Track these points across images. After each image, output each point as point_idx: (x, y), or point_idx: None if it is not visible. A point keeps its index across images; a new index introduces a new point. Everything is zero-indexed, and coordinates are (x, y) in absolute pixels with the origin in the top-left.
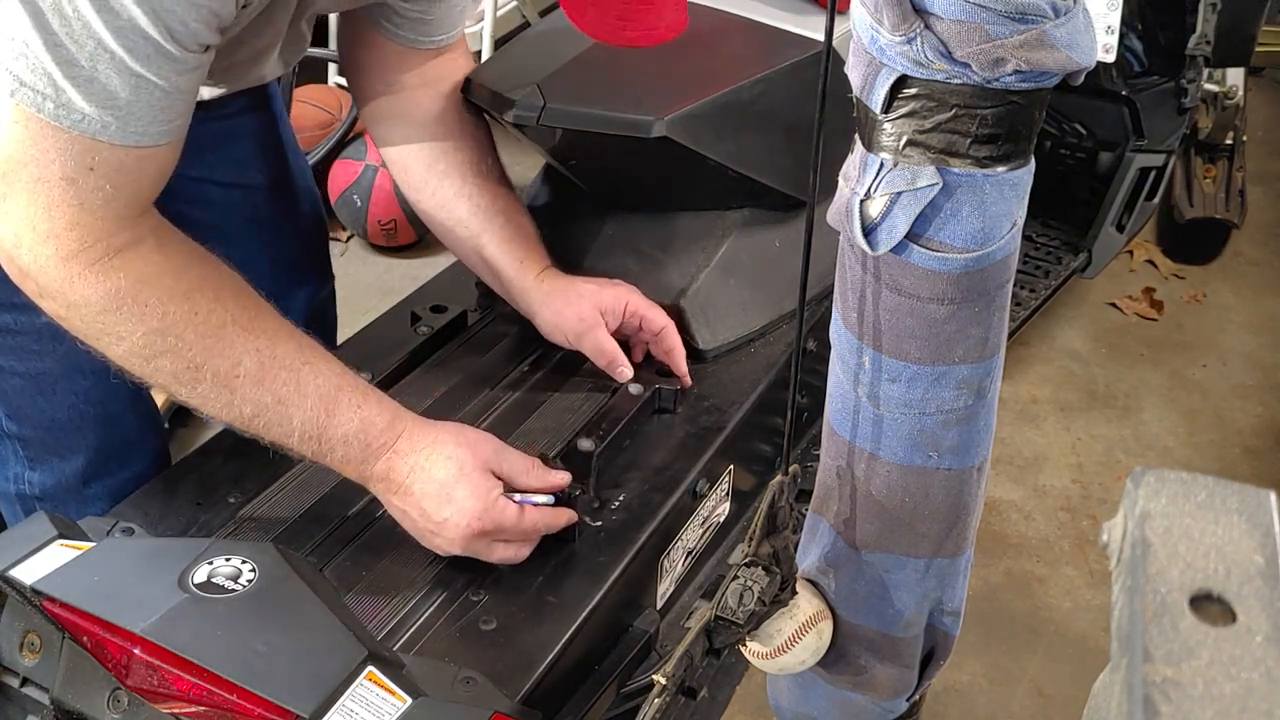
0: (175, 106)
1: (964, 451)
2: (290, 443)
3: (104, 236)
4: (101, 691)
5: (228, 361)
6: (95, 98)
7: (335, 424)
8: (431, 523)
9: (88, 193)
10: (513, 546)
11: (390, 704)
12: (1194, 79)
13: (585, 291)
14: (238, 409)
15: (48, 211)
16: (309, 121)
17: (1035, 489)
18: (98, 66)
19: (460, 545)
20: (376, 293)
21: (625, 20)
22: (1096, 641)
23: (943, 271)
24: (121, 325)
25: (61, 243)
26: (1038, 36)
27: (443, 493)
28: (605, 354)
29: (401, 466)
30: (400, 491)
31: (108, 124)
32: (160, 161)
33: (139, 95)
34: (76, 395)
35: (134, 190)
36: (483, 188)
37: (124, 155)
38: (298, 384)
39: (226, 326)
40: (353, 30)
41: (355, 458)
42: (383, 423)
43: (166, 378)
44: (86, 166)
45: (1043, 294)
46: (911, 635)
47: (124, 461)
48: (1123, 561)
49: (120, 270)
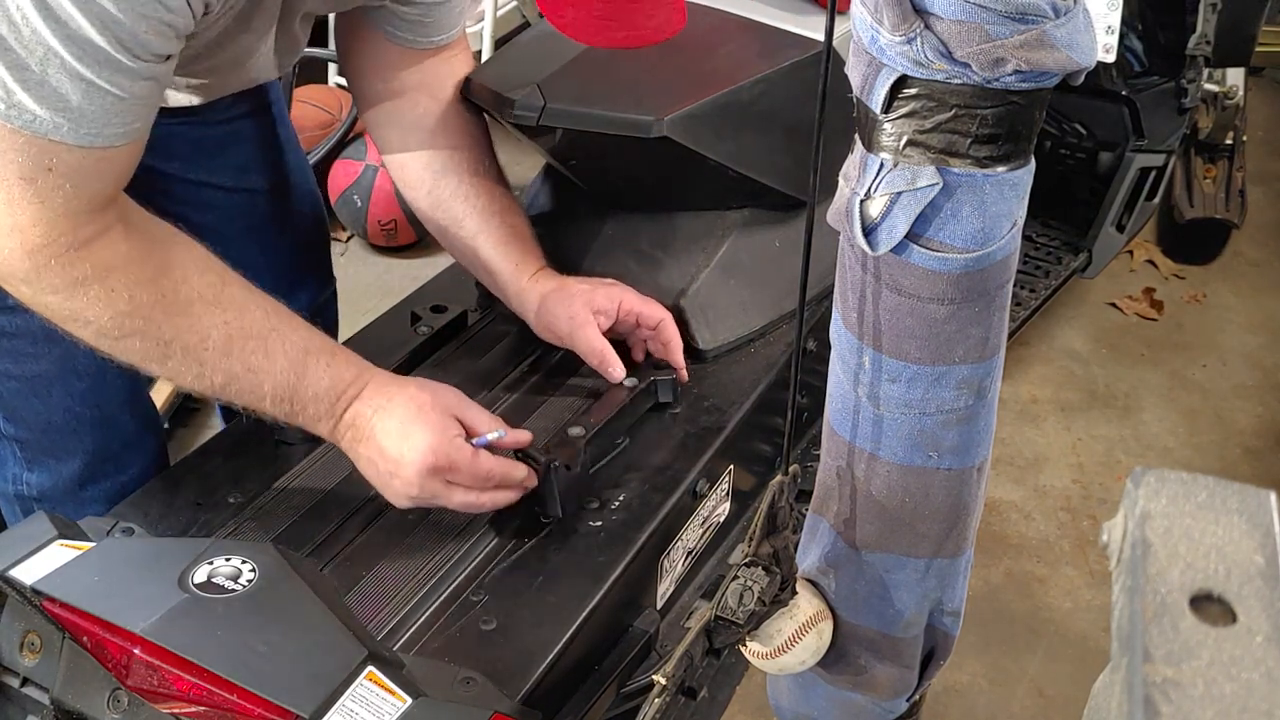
0: (132, 110)
1: (964, 451)
2: (263, 406)
3: (68, 231)
4: (101, 691)
5: (195, 336)
6: (47, 100)
7: (305, 384)
8: (389, 461)
9: (47, 192)
10: (471, 493)
11: (390, 704)
12: (1194, 79)
13: (577, 291)
14: (209, 379)
15: (9, 208)
16: (309, 121)
17: (1035, 489)
18: (48, 71)
19: (416, 483)
20: (376, 293)
21: (609, 20)
22: (1097, 642)
23: (943, 271)
24: (89, 310)
25: (25, 236)
26: (1038, 36)
27: (401, 430)
28: (596, 352)
29: (365, 410)
30: (365, 437)
31: (59, 125)
32: (120, 161)
33: (91, 100)
34: (72, 398)
35: (95, 189)
36: (480, 188)
37: (81, 156)
38: (266, 351)
39: (193, 303)
40: (351, 30)
41: (325, 412)
42: (350, 375)
43: (136, 356)
44: (44, 167)
45: (1043, 294)
46: (911, 635)
47: (121, 464)
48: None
49: (86, 261)
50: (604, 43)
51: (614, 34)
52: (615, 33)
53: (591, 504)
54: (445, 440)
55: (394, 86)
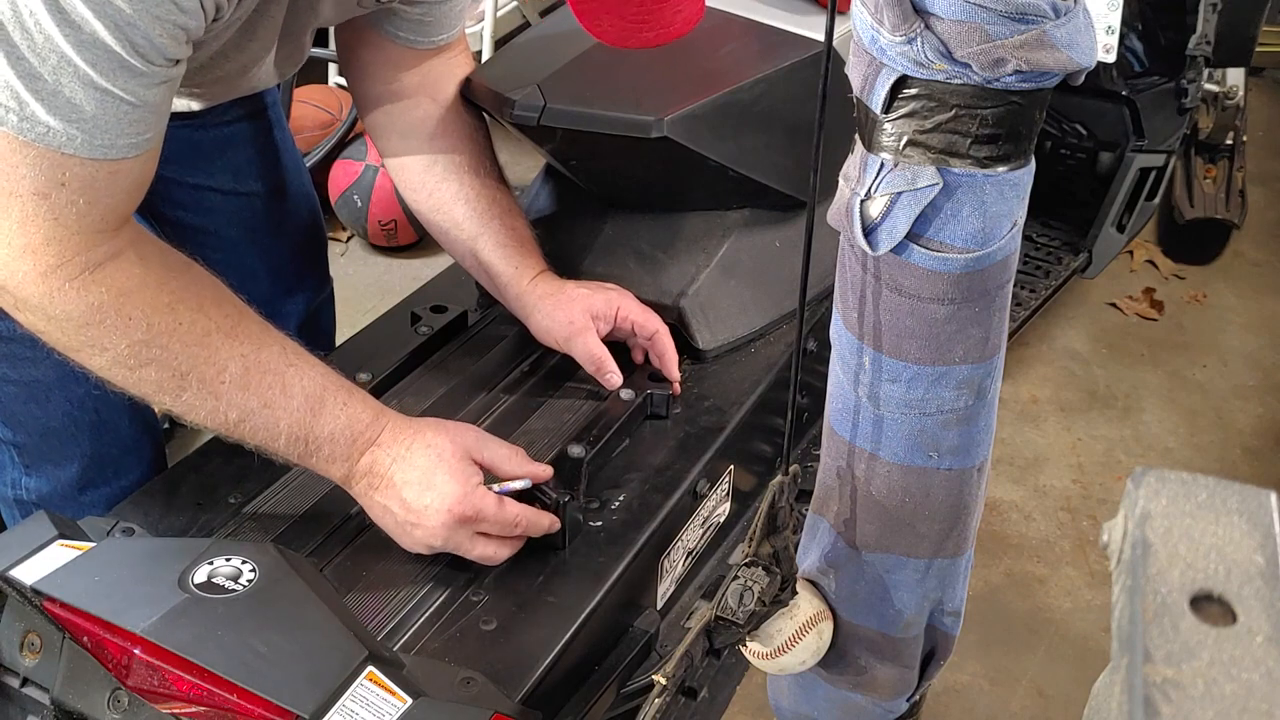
0: (145, 120)
1: (964, 452)
2: (277, 446)
3: (82, 251)
4: (102, 692)
5: (213, 368)
6: (60, 111)
7: (321, 423)
8: (412, 512)
9: (61, 208)
10: (493, 543)
11: (390, 704)
12: (1194, 79)
13: (576, 296)
14: (223, 414)
15: (22, 226)
16: (309, 122)
17: (1035, 489)
18: (61, 80)
19: (441, 535)
20: (376, 293)
21: (642, 22)
22: (1097, 642)
23: (943, 271)
24: (105, 338)
25: (39, 258)
26: (1038, 37)
27: (424, 480)
28: (594, 359)
29: (384, 458)
30: (383, 485)
31: (74, 137)
32: (133, 175)
33: (105, 109)
34: (71, 403)
35: (109, 204)
36: (480, 190)
37: (95, 169)
38: (283, 386)
39: (211, 335)
40: (352, 31)
41: (340, 455)
42: (368, 418)
43: (151, 387)
44: (57, 181)
45: (1043, 294)
46: (912, 635)
47: (120, 469)
48: (1123, 562)
49: (101, 285)
50: (637, 44)
51: (645, 35)
52: (646, 33)
53: (592, 504)
54: (470, 490)
55: (394, 88)
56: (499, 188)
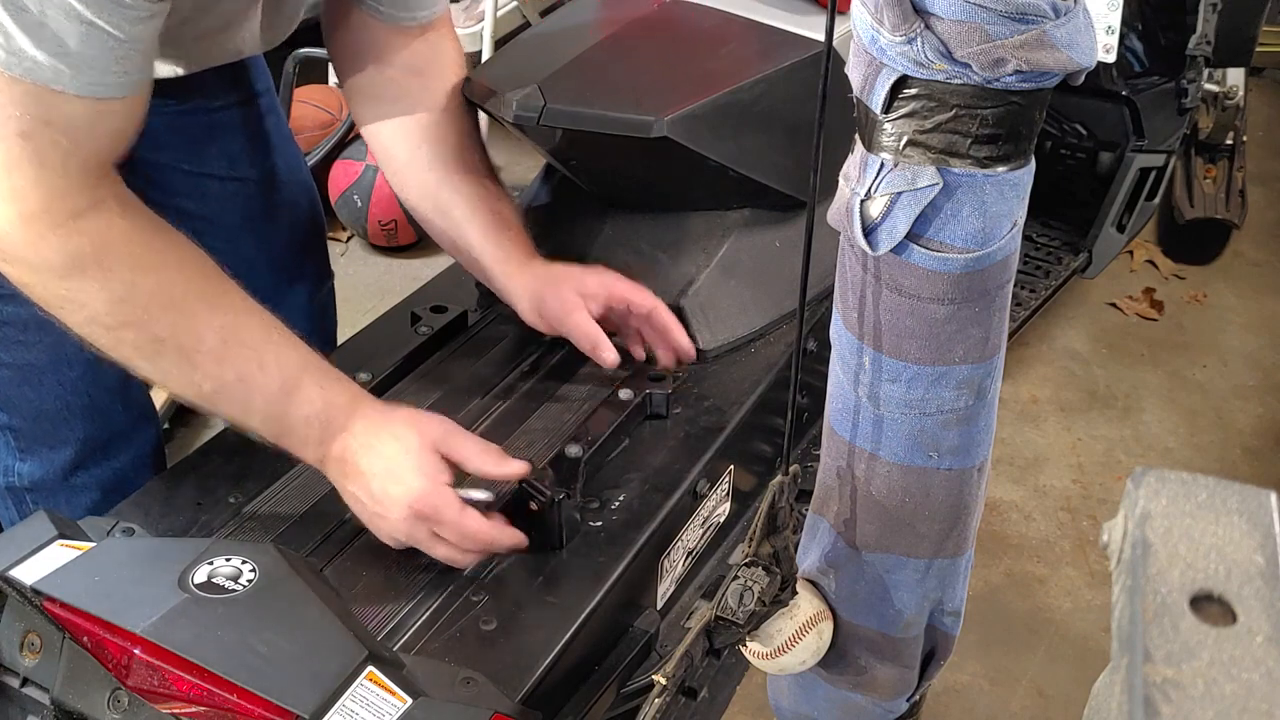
0: (130, 57)
1: (964, 452)
2: (251, 422)
3: (66, 195)
4: (102, 692)
5: (191, 336)
6: (46, 44)
7: (297, 404)
8: (378, 503)
9: (46, 149)
10: (455, 549)
11: (390, 704)
12: (1194, 79)
13: (567, 275)
14: (198, 385)
15: (7, 170)
16: (309, 122)
17: (1035, 489)
18: (46, 12)
19: (402, 529)
20: (376, 293)
21: None
22: (1097, 642)
23: (943, 271)
24: (84, 292)
25: (24, 202)
26: (1038, 37)
27: (388, 471)
28: (588, 337)
29: (354, 445)
30: (352, 473)
31: (61, 72)
32: (118, 117)
33: (90, 43)
34: (64, 386)
35: (93, 147)
36: (467, 177)
37: (80, 107)
38: (260, 362)
39: (191, 301)
40: (335, 10)
41: (314, 439)
42: (343, 403)
43: (128, 349)
44: (42, 120)
45: (1043, 294)
46: (912, 635)
47: (112, 452)
48: (1123, 562)
49: (84, 234)
50: None
51: None
52: None
53: (591, 504)
54: (432, 488)
55: (380, 71)
56: (487, 175)
